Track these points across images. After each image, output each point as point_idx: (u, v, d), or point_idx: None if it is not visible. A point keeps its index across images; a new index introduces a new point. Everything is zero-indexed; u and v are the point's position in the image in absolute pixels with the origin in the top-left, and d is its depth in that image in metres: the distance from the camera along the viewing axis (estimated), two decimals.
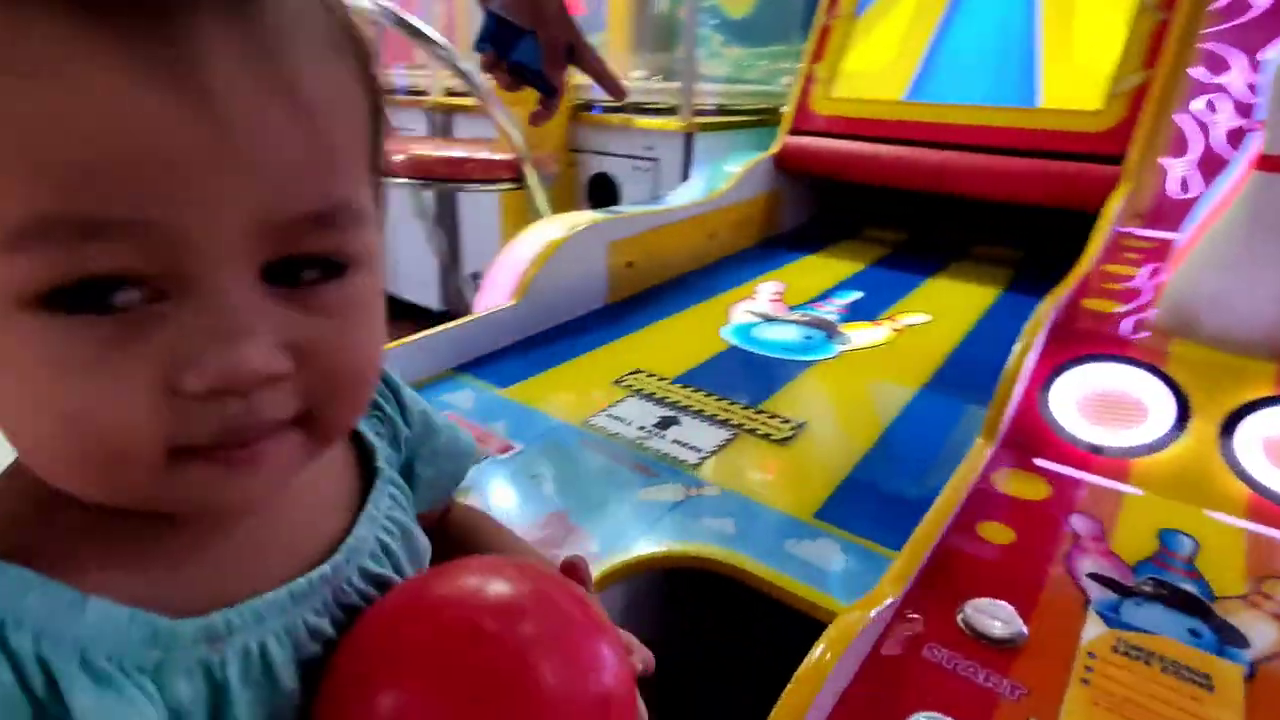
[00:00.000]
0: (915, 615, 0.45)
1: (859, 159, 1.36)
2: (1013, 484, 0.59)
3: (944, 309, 1.09)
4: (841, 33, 1.42)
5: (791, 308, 1.08)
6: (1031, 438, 0.64)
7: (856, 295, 1.14)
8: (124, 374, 0.19)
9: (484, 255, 1.03)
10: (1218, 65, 1.07)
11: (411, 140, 1.45)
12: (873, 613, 0.42)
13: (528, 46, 0.75)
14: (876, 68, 1.39)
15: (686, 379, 0.84)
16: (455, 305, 1.88)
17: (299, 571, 0.25)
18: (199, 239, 0.19)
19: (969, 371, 0.87)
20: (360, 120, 0.23)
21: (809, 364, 0.89)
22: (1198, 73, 1.10)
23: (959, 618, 0.45)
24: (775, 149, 1.43)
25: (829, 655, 0.37)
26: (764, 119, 1.67)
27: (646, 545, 0.55)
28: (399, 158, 1.22)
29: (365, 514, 0.29)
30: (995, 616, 0.45)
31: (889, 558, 0.51)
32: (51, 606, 0.20)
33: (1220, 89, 1.07)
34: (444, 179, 1.22)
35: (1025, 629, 0.44)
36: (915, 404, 0.80)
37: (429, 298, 2.20)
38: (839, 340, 0.97)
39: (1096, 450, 0.62)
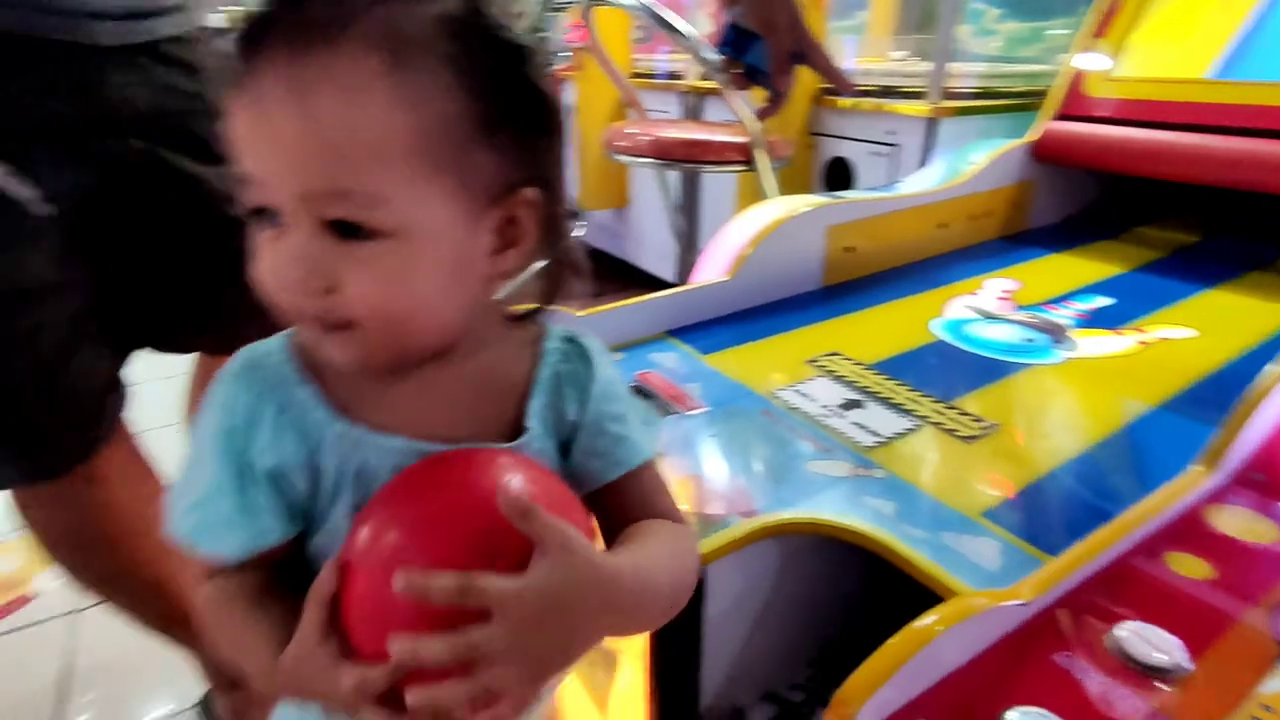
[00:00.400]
0: (1062, 626, 0.44)
1: (1145, 149, 1.20)
2: (1231, 521, 0.53)
3: (1217, 325, 0.95)
4: (1134, 5, 1.26)
5: (1020, 307, 1.01)
6: (1275, 476, 0.56)
7: (1104, 301, 1.03)
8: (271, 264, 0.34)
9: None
10: None
11: (659, 123, 1.56)
12: (1002, 604, 0.42)
13: (758, 51, 0.81)
14: (1176, 41, 1.21)
15: (883, 367, 0.84)
16: (687, 279, 1.98)
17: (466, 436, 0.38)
18: (273, 196, 0.32)
19: (1227, 399, 0.76)
20: (398, 130, 0.32)
21: (1022, 367, 0.84)
22: None
23: (1109, 635, 0.43)
24: (1033, 136, 1.31)
25: (938, 627, 0.39)
26: (1027, 103, 1.53)
27: (802, 510, 0.59)
28: (645, 139, 1.33)
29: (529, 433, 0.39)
30: (1155, 644, 0.42)
31: (1043, 562, 0.49)
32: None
33: None
34: (681, 160, 1.31)
35: (1190, 664, 0.41)
36: (1143, 424, 0.73)
37: (666, 270, 2.34)
38: (1065, 346, 0.89)
39: None
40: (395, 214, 0.32)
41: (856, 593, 0.70)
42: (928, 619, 0.39)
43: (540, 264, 0.40)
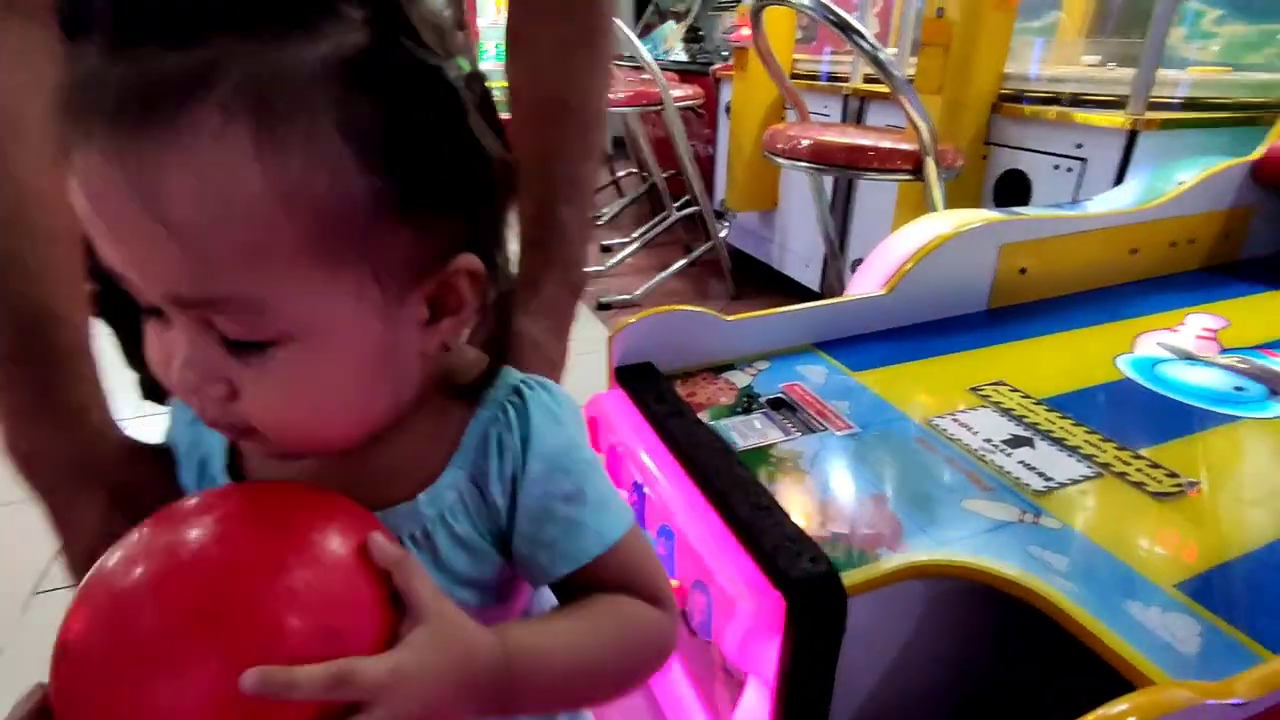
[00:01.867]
0: None
1: None
2: None
3: None
4: None
5: (1226, 349, 0.89)
6: None
7: None
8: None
9: (872, 244, 1.05)
10: None
11: (821, 126, 1.51)
12: (1209, 701, 0.37)
13: None
14: None
15: (1057, 403, 0.77)
16: (831, 290, 1.92)
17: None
18: (139, 293, 0.27)
19: None
20: (276, 224, 0.24)
21: (1230, 419, 0.74)
22: None
23: None
24: (1258, 154, 1.15)
25: (1131, 718, 0.34)
26: (1254, 117, 1.35)
27: (958, 553, 0.54)
28: (805, 142, 1.29)
29: (416, 500, 0.33)
30: None
31: (1263, 658, 0.43)
32: None
33: None
34: (842, 165, 1.26)
35: None
36: None
37: (810, 278, 2.28)
38: None
39: None
40: (286, 318, 0.26)
41: (1006, 647, 0.64)
42: (1119, 707, 0.34)
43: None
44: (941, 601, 0.59)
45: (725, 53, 2.63)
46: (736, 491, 0.59)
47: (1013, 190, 1.53)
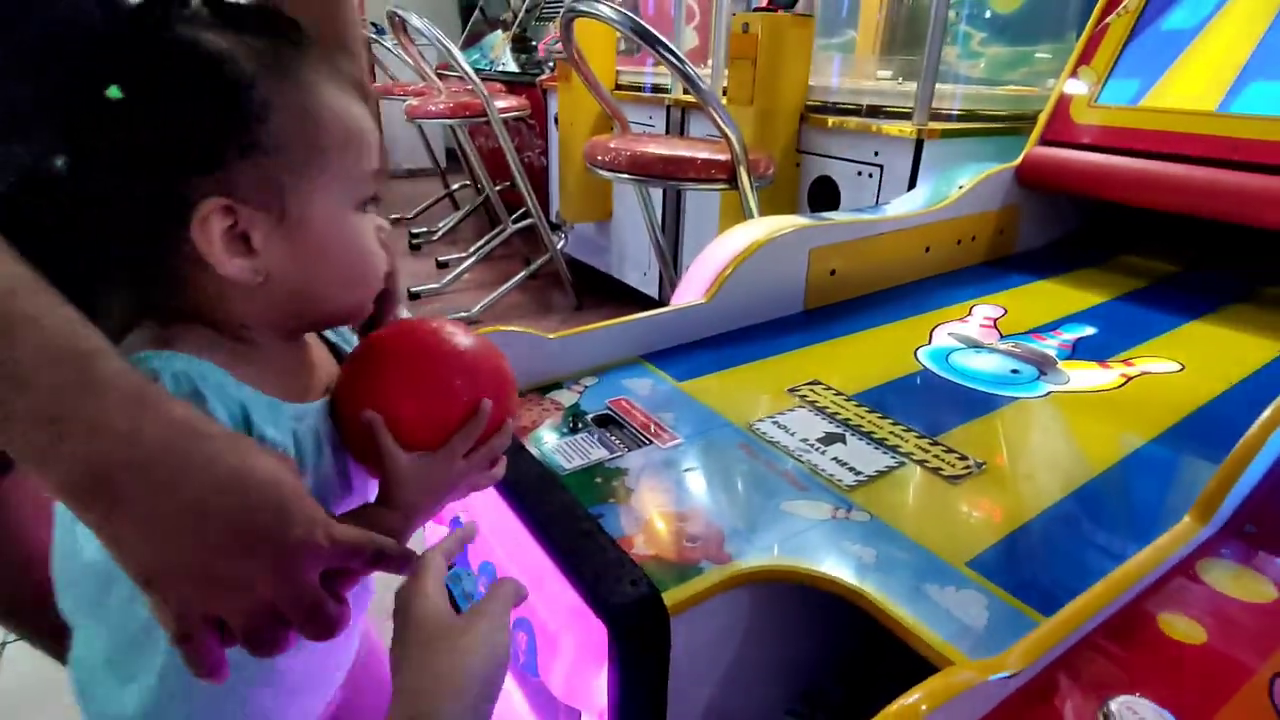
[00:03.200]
0: (1051, 698, 0.41)
1: (1127, 176, 1.19)
2: (1225, 579, 0.50)
3: (1202, 358, 0.93)
4: (1119, 33, 1.25)
5: (1004, 336, 0.99)
6: (1268, 528, 0.54)
7: (1088, 331, 1.01)
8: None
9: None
10: None
11: (640, 138, 1.53)
12: (992, 678, 0.39)
13: None
14: (1165, 71, 1.20)
15: (866, 398, 0.82)
16: (669, 297, 1.95)
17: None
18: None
19: (1215, 437, 0.74)
20: None
21: (1009, 400, 0.82)
22: None
23: (1100, 711, 0.40)
24: (1019, 160, 1.30)
25: (923, 707, 0.36)
26: (1015, 127, 1.53)
27: (778, 556, 0.55)
28: (624, 154, 1.30)
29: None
30: None
31: (1038, 623, 0.46)
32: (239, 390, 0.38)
33: None
34: (661, 176, 1.28)
35: None
36: (1129, 464, 0.70)
37: (650, 286, 2.31)
38: (1052, 379, 0.87)
39: None
40: None
41: (836, 640, 0.67)
42: (913, 696, 0.36)
43: None
44: (768, 606, 0.60)
45: (552, 63, 2.62)
46: (557, 519, 0.57)
47: (824, 195, 1.63)
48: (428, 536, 0.92)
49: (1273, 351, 0.95)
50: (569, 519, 0.57)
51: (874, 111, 1.59)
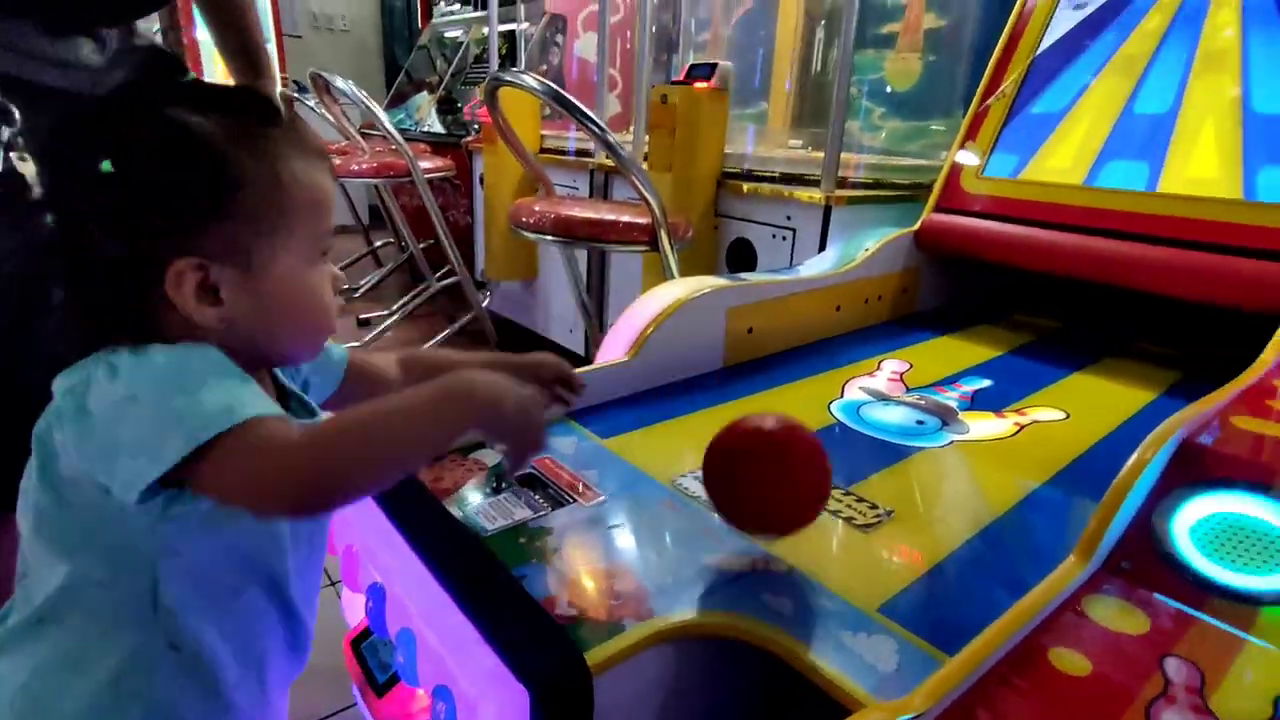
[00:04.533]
0: None
1: (1010, 241, 1.30)
2: (1105, 612, 0.54)
3: (1084, 408, 1.01)
4: (999, 114, 1.38)
5: (910, 389, 1.05)
6: (1140, 564, 0.59)
7: (984, 383, 1.09)
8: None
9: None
10: None
11: (563, 200, 1.57)
12: (899, 719, 0.41)
13: None
14: (1048, 151, 1.33)
15: None
16: (594, 354, 1.98)
17: None
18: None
19: (1096, 480, 0.80)
20: None
21: (914, 450, 0.87)
22: None
23: None
24: (917, 225, 1.40)
25: None
26: (915, 194, 1.65)
27: (699, 610, 0.56)
28: (548, 216, 1.33)
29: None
30: None
31: (941, 663, 0.49)
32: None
33: None
34: (583, 238, 1.32)
35: None
36: (1022, 508, 0.75)
37: (576, 343, 2.33)
38: (954, 429, 0.93)
39: (1217, 589, 0.55)
40: None
41: (759, 689, 0.67)
42: None
43: None
44: (691, 659, 0.60)
45: (478, 126, 2.66)
46: (478, 582, 0.56)
47: (742, 256, 1.70)
48: (345, 603, 0.88)
49: (1145, 400, 1.05)
50: (490, 582, 0.57)
51: (786, 179, 1.68)
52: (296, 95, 3.14)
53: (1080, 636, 0.51)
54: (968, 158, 1.40)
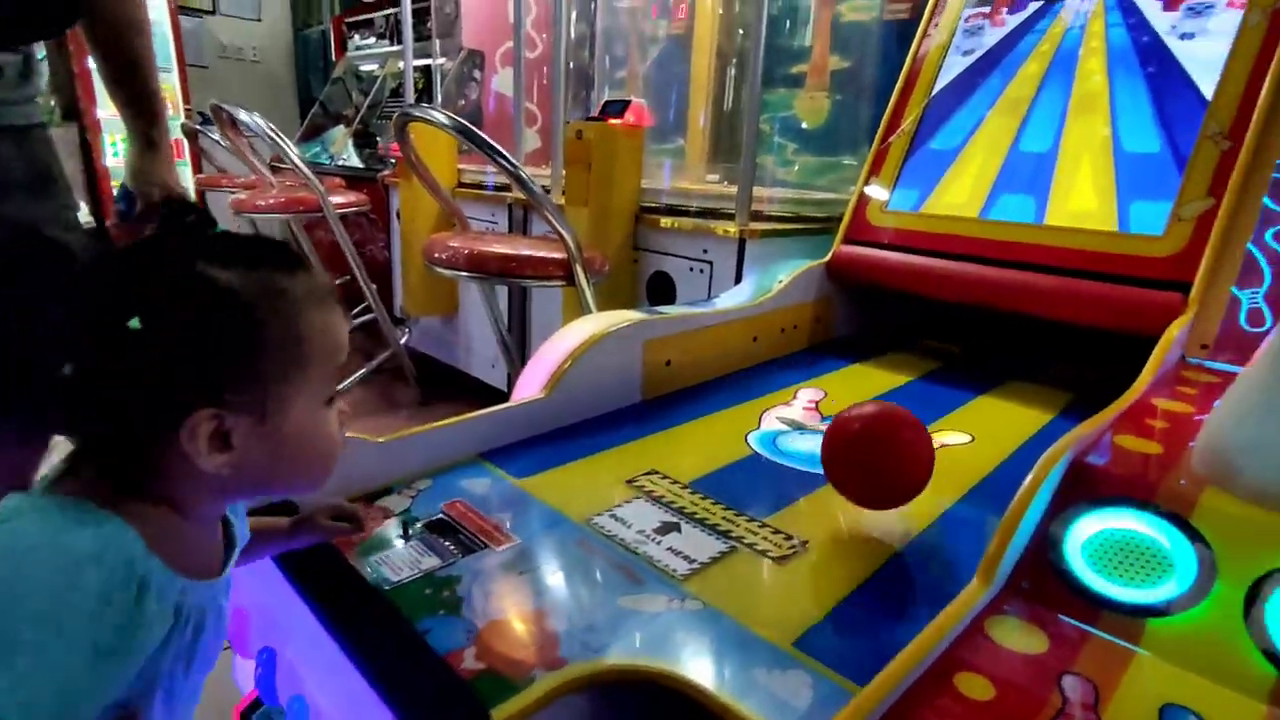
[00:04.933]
0: None
1: (912, 271, 1.35)
2: (1007, 633, 0.56)
3: (989, 430, 1.05)
4: (900, 151, 1.45)
5: (825, 417, 1.07)
6: (1039, 583, 0.61)
7: None
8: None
9: None
10: None
11: (478, 236, 1.55)
12: None
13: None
14: (945, 186, 1.40)
15: (701, 485, 0.84)
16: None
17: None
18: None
19: (1001, 500, 0.83)
20: None
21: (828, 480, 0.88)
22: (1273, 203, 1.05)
23: None
24: (828, 257, 1.45)
25: None
26: (827, 227, 1.70)
27: (613, 656, 0.55)
28: (462, 252, 1.31)
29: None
30: None
31: (853, 695, 0.48)
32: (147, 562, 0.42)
33: None
34: (498, 274, 1.30)
35: None
36: (931, 532, 0.77)
37: (499, 379, 2.29)
38: None
39: (1108, 604, 0.58)
40: None
41: None
42: None
43: None
44: (605, 706, 0.58)
45: (394, 160, 2.62)
46: (378, 640, 0.53)
47: (662, 289, 1.72)
48: (236, 670, 0.82)
49: (1043, 421, 1.10)
50: (390, 639, 0.53)
51: (703, 213, 1.72)
52: (199, 128, 3.02)
53: (984, 660, 0.52)
54: (873, 192, 1.46)
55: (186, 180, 4.48)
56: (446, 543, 0.70)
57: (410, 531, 0.71)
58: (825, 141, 2.15)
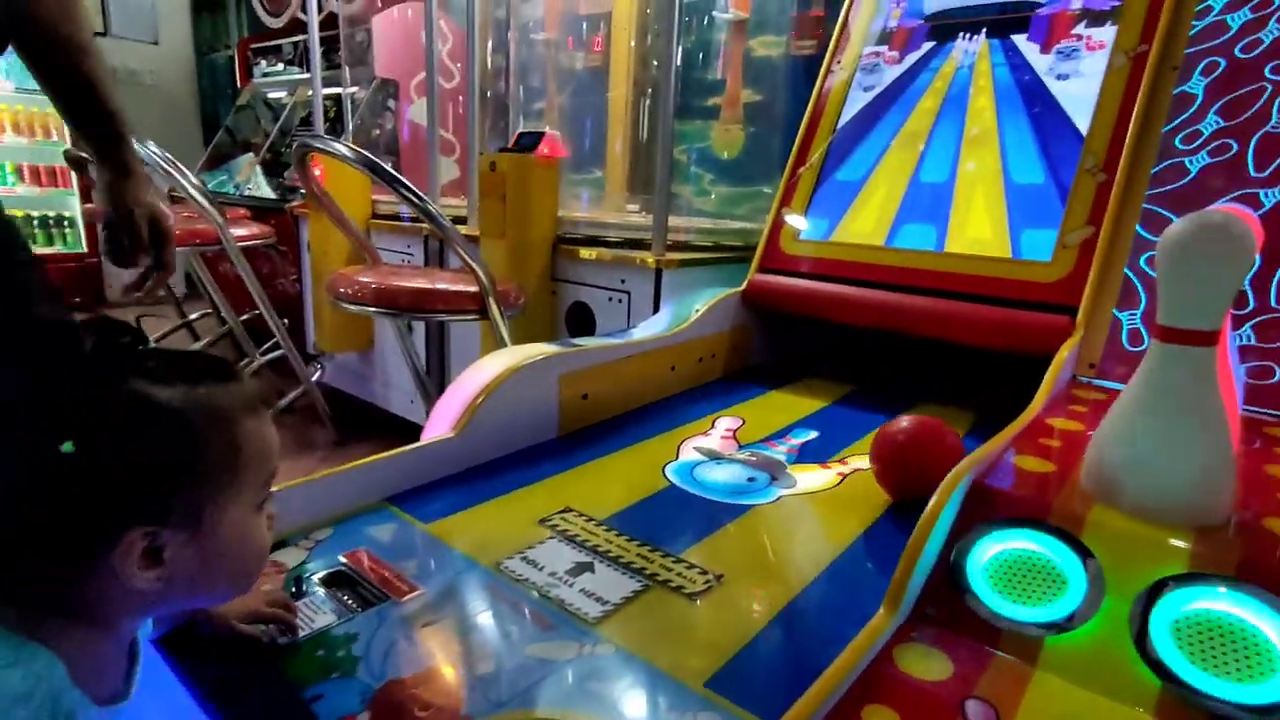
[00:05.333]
0: None
1: (823, 298, 1.39)
2: (914, 661, 0.56)
3: None
4: (809, 182, 1.50)
5: (741, 446, 1.08)
6: (943, 608, 0.62)
7: (811, 435, 1.14)
8: None
9: None
10: (1160, 225, 1.11)
11: (388, 270, 1.51)
12: None
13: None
14: (852, 215, 1.44)
15: (616, 521, 0.83)
16: None
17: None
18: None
19: (910, 524, 0.85)
20: None
21: (745, 509, 0.88)
22: (1145, 230, 1.13)
23: None
24: (744, 285, 1.47)
25: None
26: (742, 255, 1.73)
27: (519, 711, 0.52)
28: (370, 288, 1.27)
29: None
30: None
31: None
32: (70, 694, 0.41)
33: None
34: (409, 309, 1.26)
35: None
36: (844, 560, 0.78)
37: (418, 415, 2.22)
38: (783, 484, 0.95)
39: (1009, 625, 0.59)
40: None
41: None
42: None
43: None
44: None
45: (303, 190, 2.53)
46: (260, 712, 0.49)
47: (582, 319, 1.71)
48: None
49: None
50: (274, 709, 0.49)
51: (620, 243, 1.72)
52: (86, 155, 2.84)
53: (891, 691, 0.52)
54: (785, 222, 1.50)
55: (74, 209, 4.21)
56: (345, 597, 0.66)
57: (305, 587, 0.67)
58: (741, 171, 2.20)
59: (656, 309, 1.54)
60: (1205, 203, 1.08)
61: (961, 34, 1.45)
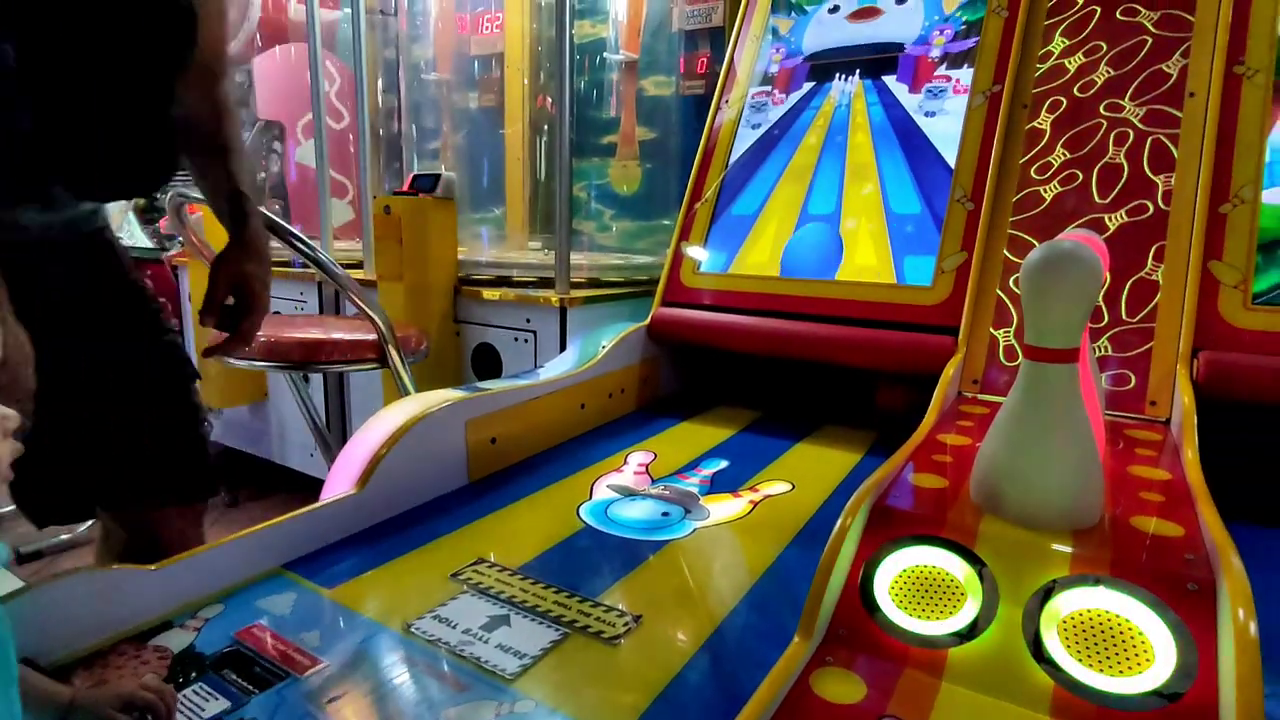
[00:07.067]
0: None
1: (722, 328, 1.42)
2: (830, 685, 0.57)
3: (807, 476, 1.11)
4: (705, 217, 1.54)
5: (655, 480, 1.08)
6: (854, 630, 0.63)
7: (722, 464, 1.15)
8: None
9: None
10: (1023, 249, 1.20)
11: (282, 320, 1.44)
12: None
13: None
14: (748, 247, 1.49)
15: (531, 568, 0.81)
16: None
17: None
18: None
19: (823, 546, 0.87)
20: None
21: (661, 545, 0.88)
22: (1011, 254, 1.23)
23: None
24: (649, 320, 1.49)
25: None
26: (649, 289, 1.76)
27: None
28: (261, 338, 1.20)
29: None
30: None
31: None
32: None
33: None
34: (301, 362, 1.20)
35: None
36: (760, 588, 0.79)
37: (318, 469, 2.11)
38: (697, 515, 0.96)
39: (915, 641, 0.61)
40: None
41: None
42: None
43: None
44: None
45: (181, 239, 2.39)
46: None
47: (488, 361, 1.68)
48: None
49: (853, 462, 1.18)
50: None
51: (524, 283, 1.71)
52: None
53: (809, 718, 0.53)
54: (685, 255, 1.53)
55: None
56: (239, 678, 0.61)
57: (191, 673, 0.62)
58: (641, 207, 2.24)
59: (563, 347, 1.53)
60: (1061, 227, 1.18)
61: (838, 74, 1.54)
